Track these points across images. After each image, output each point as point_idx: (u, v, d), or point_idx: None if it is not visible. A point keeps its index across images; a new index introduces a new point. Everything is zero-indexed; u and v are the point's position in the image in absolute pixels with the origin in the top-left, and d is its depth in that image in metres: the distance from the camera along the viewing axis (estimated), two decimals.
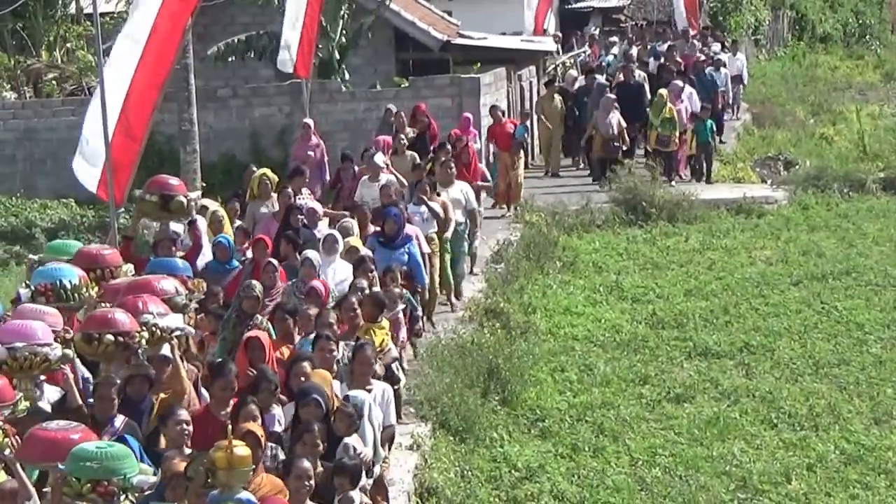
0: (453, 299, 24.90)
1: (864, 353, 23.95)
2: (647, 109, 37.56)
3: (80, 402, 13.02)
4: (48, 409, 12.94)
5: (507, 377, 21.86)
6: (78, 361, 13.87)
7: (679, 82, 37.73)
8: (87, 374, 14.24)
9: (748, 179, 37.97)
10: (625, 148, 36.50)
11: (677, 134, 36.11)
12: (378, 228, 21.74)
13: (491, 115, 32.20)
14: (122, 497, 9.96)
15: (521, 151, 32.52)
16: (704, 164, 37.64)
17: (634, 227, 33.49)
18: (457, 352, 21.96)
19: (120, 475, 9.90)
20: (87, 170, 19.09)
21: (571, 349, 24.43)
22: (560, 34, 52.10)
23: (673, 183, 36.05)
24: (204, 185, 30.53)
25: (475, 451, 19.76)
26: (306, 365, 14.44)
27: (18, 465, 10.38)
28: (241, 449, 10.83)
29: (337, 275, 18.94)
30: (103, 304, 14.18)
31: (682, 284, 28.67)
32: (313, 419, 13.05)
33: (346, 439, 13.02)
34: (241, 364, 15.02)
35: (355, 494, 12.62)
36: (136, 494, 10.36)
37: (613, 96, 37.36)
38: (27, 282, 15.10)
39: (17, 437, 11.40)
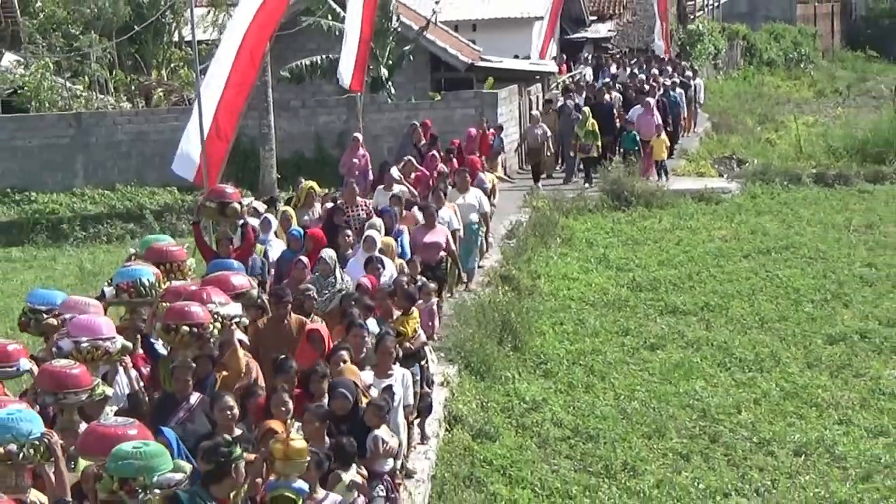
0: (466, 282, 24.11)
1: (799, 311, 24.17)
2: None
3: (136, 386, 12.47)
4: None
5: (517, 329, 22.05)
6: (159, 344, 13.20)
7: (651, 100, 37.61)
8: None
9: (708, 174, 38.21)
10: (597, 154, 35.85)
11: (599, 143, 35.73)
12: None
13: (477, 128, 32.03)
14: (146, 494, 8.92)
15: (498, 157, 32.22)
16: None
17: (618, 211, 33.76)
18: (478, 309, 22.11)
19: (149, 474, 8.92)
20: (188, 163, 19.50)
21: (568, 307, 24.68)
22: (564, 57, 51.89)
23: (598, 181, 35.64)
24: (279, 176, 31.05)
25: (492, 388, 19.85)
26: (344, 354, 13.48)
27: (60, 451, 9.17)
28: (298, 442, 10.30)
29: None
30: (163, 304, 13.09)
31: (656, 256, 28.96)
32: (340, 410, 12.07)
33: (376, 431, 12.06)
34: (306, 354, 14.09)
35: (346, 475, 11.44)
36: (165, 489, 9.07)
37: (537, 113, 36.90)
38: (108, 282, 14.28)
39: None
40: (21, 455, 8.85)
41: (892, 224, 31.69)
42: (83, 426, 10.39)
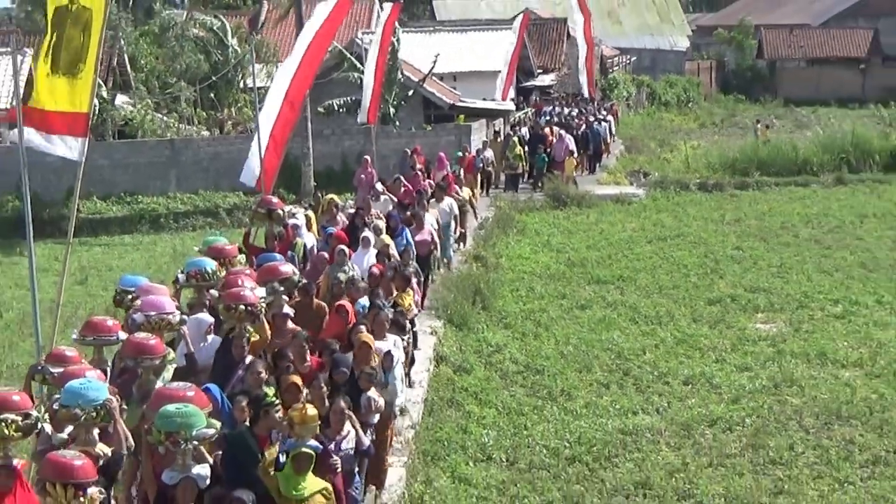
0: (447, 264, 23.43)
1: (687, 281, 24.10)
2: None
3: (192, 349, 11.84)
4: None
5: (485, 294, 21.97)
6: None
7: (563, 132, 37.62)
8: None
9: (622, 183, 37.96)
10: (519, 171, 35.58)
11: (523, 163, 35.25)
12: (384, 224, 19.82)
13: (462, 152, 31.88)
14: (185, 444, 8.50)
15: (478, 173, 32.01)
16: (541, 179, 35.75)
17: (558, 210, 33.35)
18: (458, 280, 22.16)
19: (187, 429, 8.53)
20: (250, 174, 19.39)
21: (522, 278, 24.52)
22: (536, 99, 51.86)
23: (539, 188, 35.33)
24: (315, 184, 30.90)
25: (467, 336, 19.75)
26: (362, 327, 12.86)
27: (118, 414, 8.81)
28: (312, 409, 9.59)
29: (370, 261, 17.19)
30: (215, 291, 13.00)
31: (584, 242, 28.72)
32: (340, 382, 11.34)
33: (368, 393, 11.44)
34: (334, 323, 13.60)
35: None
36: (200, 440, 8.68)
37: (487, 140, 36.15)
38: (181, 270, 13.95)
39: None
40: (84, 417, 8.58)
41: (753, 219, 31.67)
42: (158, 384, 10.18)
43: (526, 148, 36.14)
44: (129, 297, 12.57)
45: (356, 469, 10.70)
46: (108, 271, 25.52)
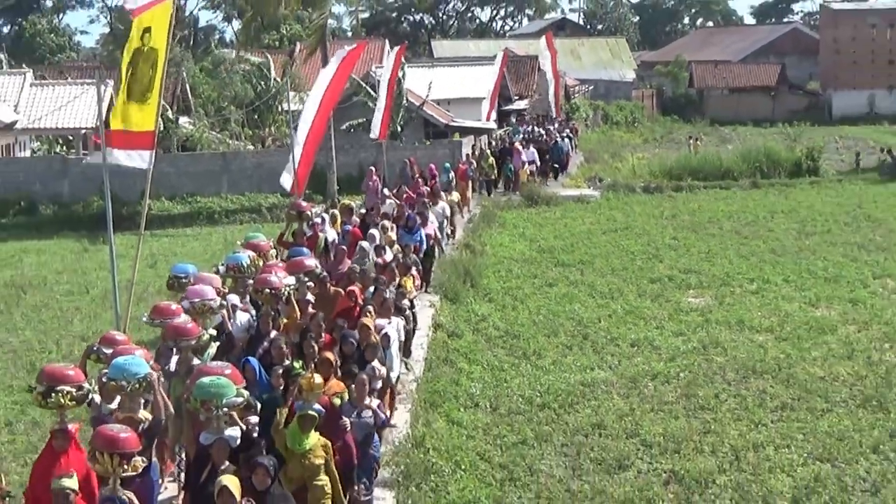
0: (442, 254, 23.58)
1: (633, 264, 23.98)
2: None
3: (229, 327, 11.55)
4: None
5: (473, 274, 21.94)
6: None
7: (520, 147, 36.93)
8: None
9: (582, 187, 37.71)
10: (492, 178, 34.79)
11: (495, 170, 34.64)
12: (402, 223, 19.64)
13: (458, 162, 31.78)
14: (218, 411, 8.25)
15: (469, 180, 31.94)
16: (513, 184, 35.26)
17: (531, 208, 33.05)
18: (451, 263, 22.12)
19: (219, 398, 8.29)
20: (287, 180, 19.35)
21: (502, 262, 24.41)
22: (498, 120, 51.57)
23: (515, 192, 34.82)
24: (337, 187, 30.70)
25: (459, 308, 19.71)
26: (370, 308, 12.60)
27: (158, 386, 8.52)
28: (318, 378, 9.21)
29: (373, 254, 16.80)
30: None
31: (552, 234, 28.46)
32: (349, 353, 11.13)
33: (373, 363, 11.20)
34: (343, 303, 13.26)
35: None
36: (230, 408, 8.40)
37: (468, 153, 35.84)
38: (221, 263, 13.78)
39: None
40: (129, 388, 8.41)
41: (686, 215, 31.46)
42: (196, 361, 9.97)
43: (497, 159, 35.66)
44: (181, 281, 12.36)
45: (375, 432, 10.36)
46: (173, 256, 25.39)
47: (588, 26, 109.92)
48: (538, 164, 37.47)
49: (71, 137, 41.17)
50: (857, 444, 12.71)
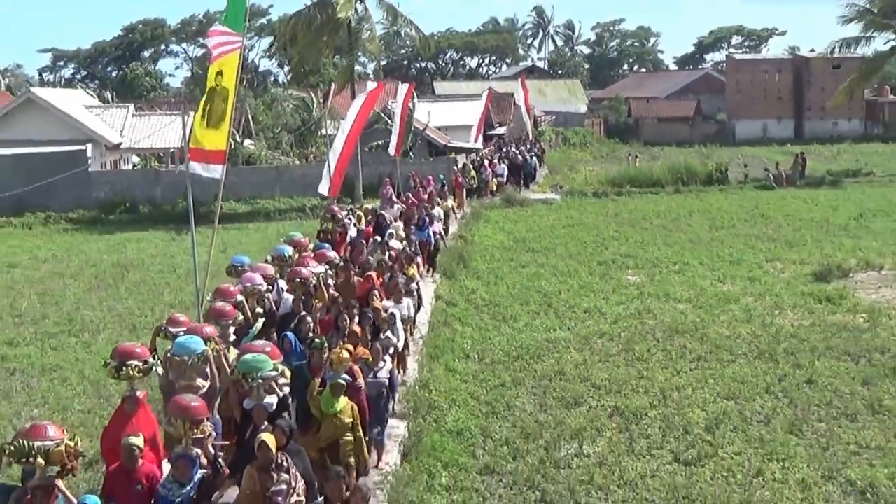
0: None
1: (586, 250, 23.56)
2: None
3: (273, 306, 10.84)
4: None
5: (465, 258, 21.85)
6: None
7: (487, 163, 36.55)
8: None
9: (547, 192, 37.45)
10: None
11: (475, 181, 34.05)
12: (414, 222, 19.17)
13: (454, 174, 31.69)
14: (255, 381, 7.76)
15: (463, 189, 31.80)
16: (482, 191, 34.48)
17: (508, 208, 32.47)
18: (449, 250, 22.01)
19: (256, 371, 7.80)
20: (325, 186, 19.19)
21: (487, 249, 24.07)
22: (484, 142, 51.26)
23: (494, 195, 34.34)
24: (362, 193, 30.42)
25: (454, 284, 19.51)
26: (376, 292, 12.18)
27: (213, 364, 7.92)
28: (345, 352, 8.68)
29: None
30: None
31: (525, 228, 28.03)
32: (366, 327, 10.57)
33: (385, 333, 10.81)
34: (362, 287, 12.58)
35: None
36: (266, 379, 7.85)
37: (456, 168, 34.73)
38: (270, 253, 13.06)
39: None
40: (190, 362, 7.88)
41: (625, 213, 31.02)
42: (233, 337, 9.21)
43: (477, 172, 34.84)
44: (237, 269, 11.68)
45: (387, 391, 9.94)
46: (239, 244, 25.25)
47: (551, 71, 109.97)
48: (506, 176, 36.57)
49: (162, 155, 41.29)
50: (754, 387, 12.55)
